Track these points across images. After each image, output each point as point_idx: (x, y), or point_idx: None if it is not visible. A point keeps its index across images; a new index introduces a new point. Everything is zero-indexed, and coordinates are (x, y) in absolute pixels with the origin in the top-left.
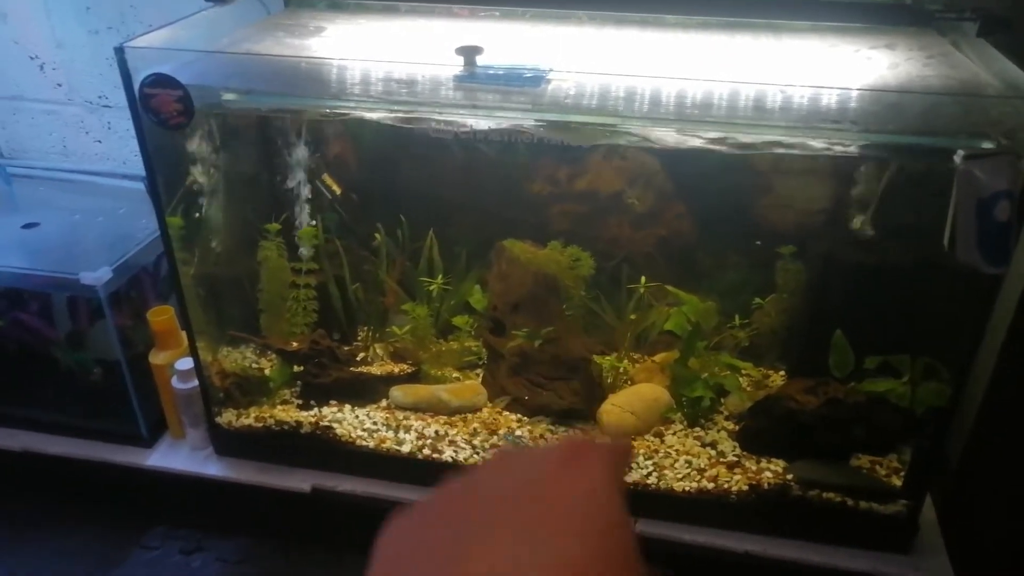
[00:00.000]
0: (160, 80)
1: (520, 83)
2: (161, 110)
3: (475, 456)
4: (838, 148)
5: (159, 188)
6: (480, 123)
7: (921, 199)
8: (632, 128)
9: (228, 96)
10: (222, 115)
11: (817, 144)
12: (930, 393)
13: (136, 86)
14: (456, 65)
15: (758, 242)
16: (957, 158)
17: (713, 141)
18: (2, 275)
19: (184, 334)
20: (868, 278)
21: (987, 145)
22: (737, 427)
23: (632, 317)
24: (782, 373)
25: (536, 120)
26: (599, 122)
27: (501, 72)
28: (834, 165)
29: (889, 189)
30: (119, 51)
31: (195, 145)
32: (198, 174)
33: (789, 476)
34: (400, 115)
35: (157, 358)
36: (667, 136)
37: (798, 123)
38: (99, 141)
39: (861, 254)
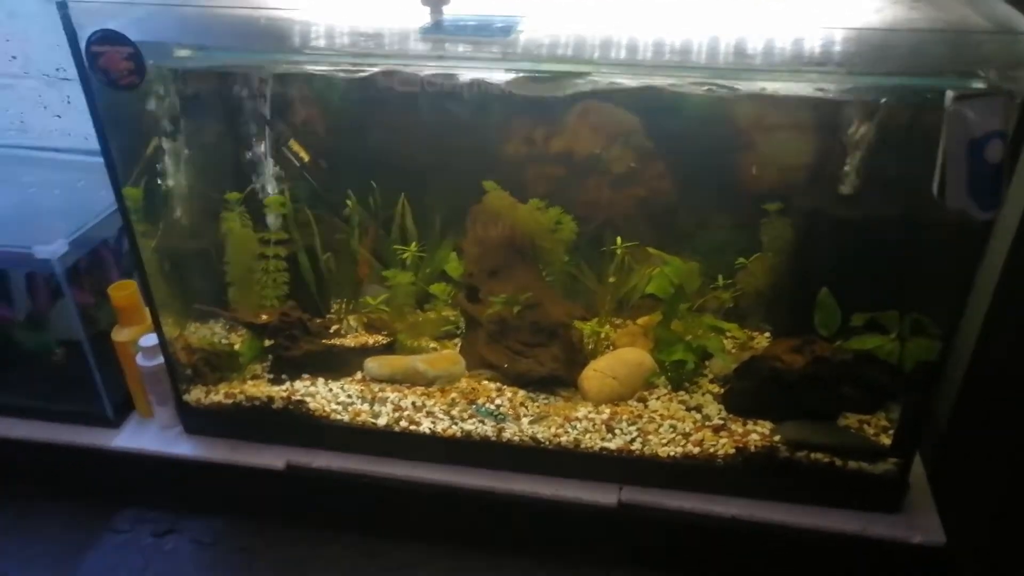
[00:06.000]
0: (108, 36)
1: (490, 33)
2: (110, 69)
3: (453, 427)
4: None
5: (113, 156)
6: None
7: (909, 149)
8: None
9: (181, 52)
10: (181, 75)
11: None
12: (919, 348)
13: (83, 44)
14: (423, 16)
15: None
16: (947, 99)
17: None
18: None
19: (148, 310)
20: (854, 233)
21: (978, 85)
22: (722, 390)
23: (611, 280)
24: (767, 334)
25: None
26: (575, 70)
27: (471, 23)
28: (817, 117)
29: (876, 139)
30: (62, 6)
31: (153, 109)
32: (159, 140)
33: (776, 438)
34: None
35: (120, 335)
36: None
37: (782, 67)
38: (58, 116)
39: (846, 209)
